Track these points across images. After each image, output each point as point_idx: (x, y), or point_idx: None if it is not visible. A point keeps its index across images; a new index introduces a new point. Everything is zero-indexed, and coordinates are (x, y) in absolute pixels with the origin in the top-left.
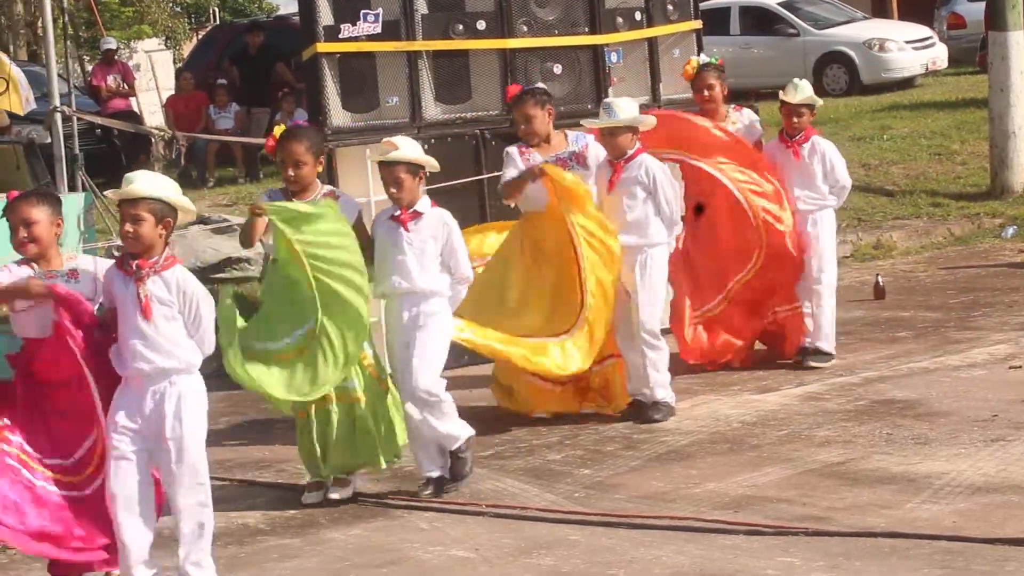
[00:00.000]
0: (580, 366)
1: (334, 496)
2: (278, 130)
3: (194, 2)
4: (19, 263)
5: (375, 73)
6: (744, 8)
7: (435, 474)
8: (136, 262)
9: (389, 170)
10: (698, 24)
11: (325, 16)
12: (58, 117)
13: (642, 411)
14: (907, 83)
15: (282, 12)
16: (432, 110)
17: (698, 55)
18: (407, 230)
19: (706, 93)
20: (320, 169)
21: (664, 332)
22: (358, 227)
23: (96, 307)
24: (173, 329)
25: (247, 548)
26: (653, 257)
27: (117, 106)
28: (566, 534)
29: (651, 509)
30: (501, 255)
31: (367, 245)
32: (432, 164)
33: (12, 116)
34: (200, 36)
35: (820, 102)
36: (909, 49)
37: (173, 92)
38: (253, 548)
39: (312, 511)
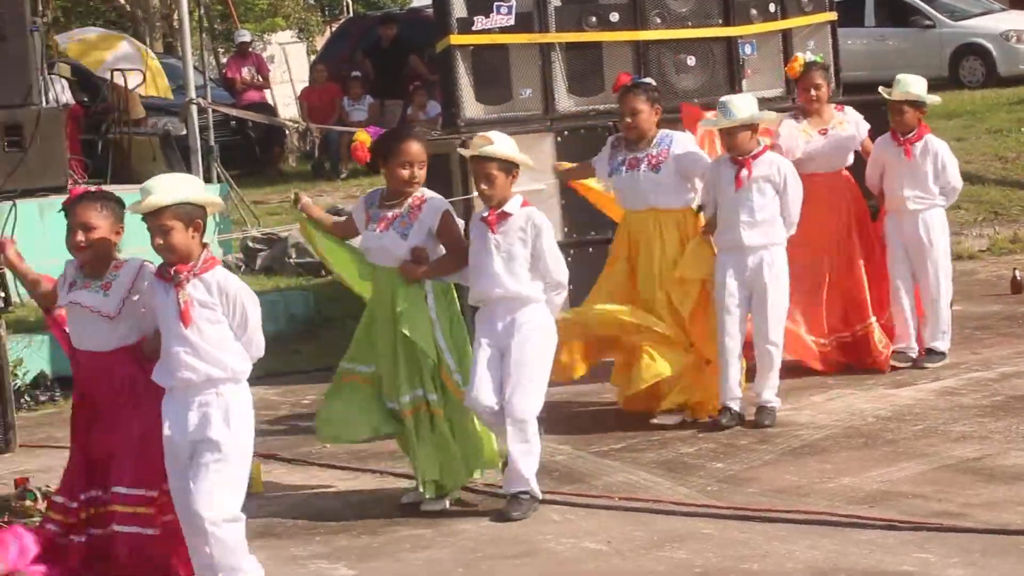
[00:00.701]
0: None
1: (428, 508)
2: (363, 135)
3: None
4: (76, 264)
5: (508, 65)
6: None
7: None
8: (174, 268)
9: (481, 165)
10: (833, 16)
11: (459, 8)
12: (193, 109)
13: (735, 416)
14: None
15: (415, 4)
16: (565, 102)
17: (832, 47)
18: (493, 232)
19: (813, 93)
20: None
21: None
22: (444, 228)
23: (115, 321)
24: (218, 333)
25: (380, 538)
26: (777, 257)
27: (251, 98)
28: (699, 527)
29: (785, 503)
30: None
31: (455, 245)
32: (526, 162)
33: (148, 108)
34: (333, 29)
35: (930, 100)
36: None
37: (307, 84)
38: (386, 538)
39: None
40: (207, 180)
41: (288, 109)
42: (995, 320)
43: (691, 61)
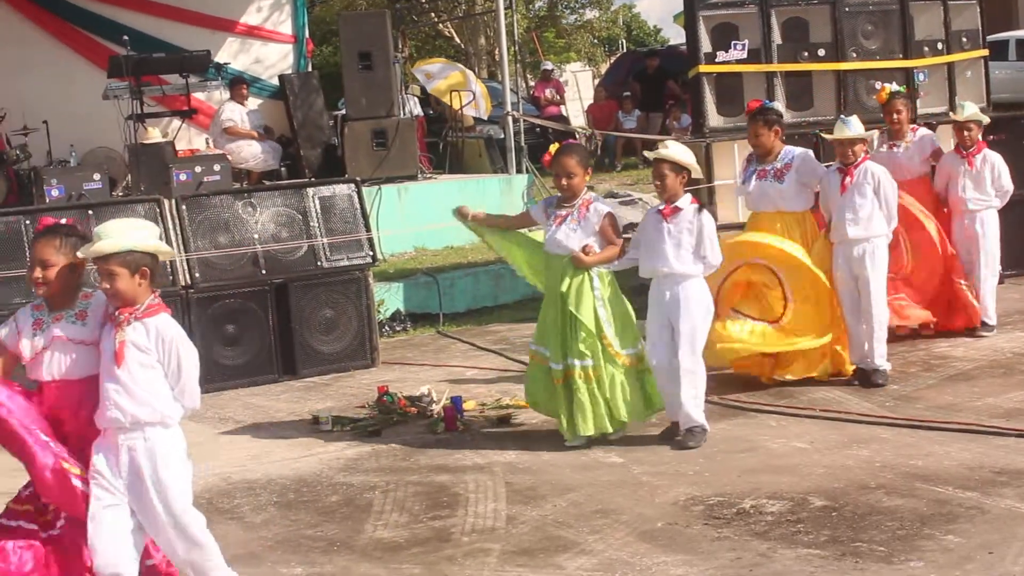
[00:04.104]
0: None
1: (571, 444)
2: (554, 148)
3: (607, 36)
4: (34, 306)
5: (741, 87)
6: (1019, 40)
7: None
8: (119, 310)
9: (657, 165)
10: (985, 52)
11: (705, 45)
12: (509, 119)
13: (866, 376)
14: None
15: (673, 42)
16: (784, 115)
17: (985, 75)
18: (667, 221)
19: (895, 116)
20: (588, 178)
21: None
22: (605, 227)
23: (94, 348)
24: (150, 378)
25: (640, 438)
26: (878, 246)
27: (551, 111)
28: (879, 433)
29: (943, 416)
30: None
31: (612, 240)
32: (695, 169)
33: (475, 119)
34: (612, 60)
35: (986, 119)
36: None
37: (592, 101)
38: (644, 437)
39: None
40: (518, 171)
41: (577, 119)
42: None
43: (879, 86)
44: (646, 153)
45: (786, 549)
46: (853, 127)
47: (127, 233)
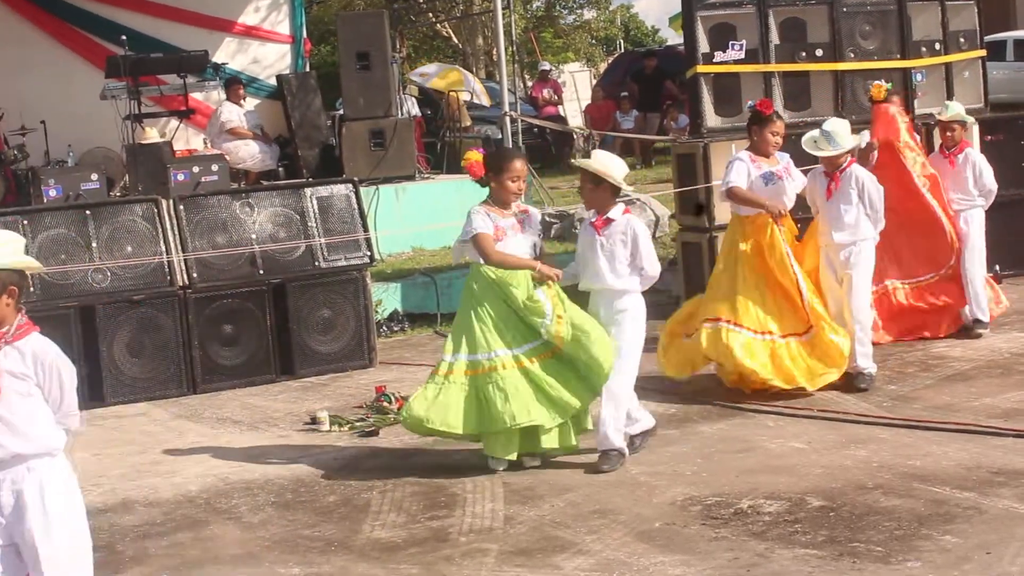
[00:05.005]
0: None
1: (532, 464)
2: (473, 155)
3: (605, 36)
4: None
5: (739, 87)
6: (1017, 41)
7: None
8: None
9: (580, 175)
10: (983, 52)
11: (703, 45)
12: (507, 119)
13: (849, 380)
14: None
15: (671, 43)
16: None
17: (982, 75)
18: (599, 234)
19: None
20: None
21: None
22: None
23: None
24: (30, 407)
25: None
26: (864, 248)
27: (549, 112)
28: (876, 433)
29: (941, 416)
30: (724, 255)
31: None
32: (614, 180)
33: (473, 118)
34: (610, 61)
35: (971, 120)
36: None
37: (590, 101)
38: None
39: (688, 409)
40: None
41: (575, 120)
42: None
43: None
44: (572, 162)
45: (784, 549)
46: (837, 142)
47: None
